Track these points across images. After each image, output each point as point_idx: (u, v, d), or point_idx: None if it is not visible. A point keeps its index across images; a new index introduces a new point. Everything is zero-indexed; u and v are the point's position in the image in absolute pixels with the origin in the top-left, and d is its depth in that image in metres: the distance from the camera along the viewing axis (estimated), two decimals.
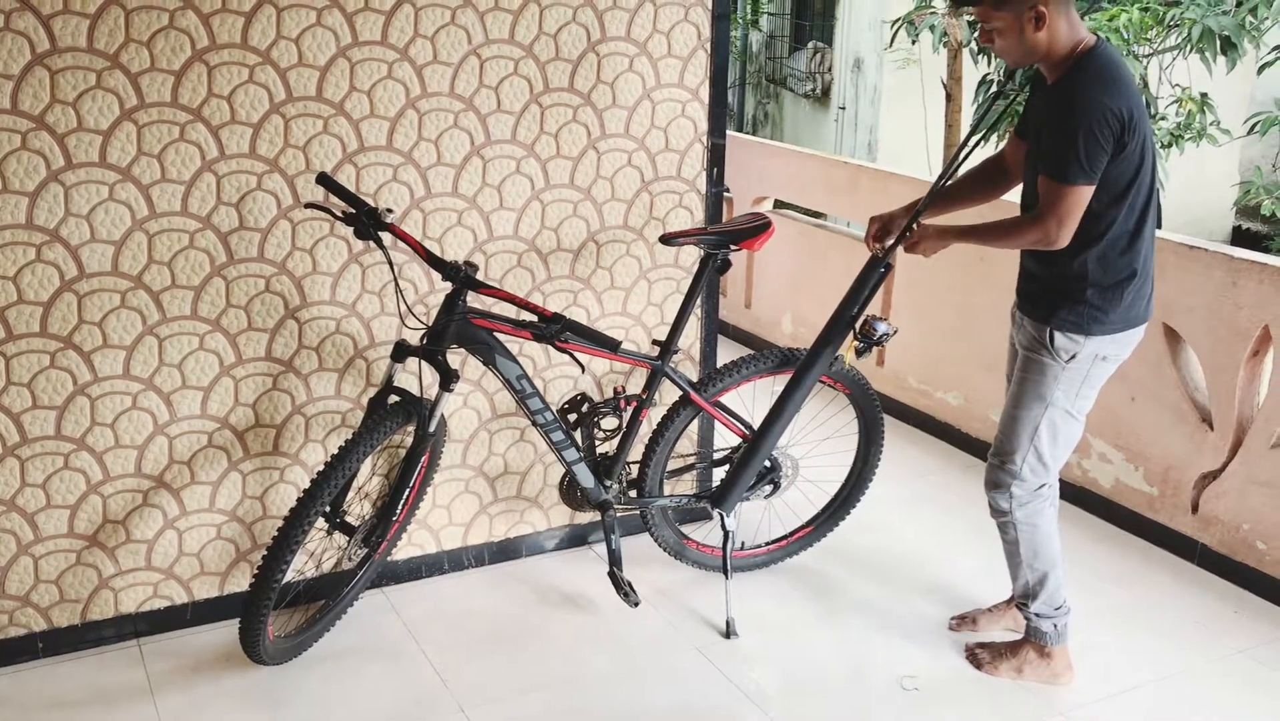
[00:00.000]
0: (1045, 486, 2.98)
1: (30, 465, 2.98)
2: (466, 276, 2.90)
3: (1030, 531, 2.99)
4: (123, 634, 3.21)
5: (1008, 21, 2.68)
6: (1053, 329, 2.83)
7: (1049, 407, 2.88)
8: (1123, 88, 2.64)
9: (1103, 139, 2.61)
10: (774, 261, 5.75)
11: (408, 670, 3.13)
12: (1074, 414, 2.90)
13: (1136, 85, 2.71)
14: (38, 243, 2.85)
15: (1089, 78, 2.64)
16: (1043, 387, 2.88)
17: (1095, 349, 2.82)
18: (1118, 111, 2.60)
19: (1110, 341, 2.83)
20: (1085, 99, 2.62)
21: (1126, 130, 2.62)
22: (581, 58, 3.33)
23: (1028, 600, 3.08)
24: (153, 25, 2.82)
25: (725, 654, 3.24)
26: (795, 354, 3.36)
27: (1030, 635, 3.12)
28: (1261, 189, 7.91)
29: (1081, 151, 2.61)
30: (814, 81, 14.00)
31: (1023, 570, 3.05)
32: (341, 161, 3.11)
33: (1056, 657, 3.10)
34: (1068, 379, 2.85)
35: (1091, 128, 2.60)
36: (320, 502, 2.84)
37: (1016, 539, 3.01)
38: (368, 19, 3.04)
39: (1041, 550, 3.01)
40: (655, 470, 3.39)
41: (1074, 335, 2.81)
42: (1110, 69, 2.66)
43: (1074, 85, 2.65)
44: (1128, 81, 2.67)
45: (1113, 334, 2.81)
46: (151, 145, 2.89)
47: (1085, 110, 2.61)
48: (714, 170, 3.63)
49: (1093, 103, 2.61)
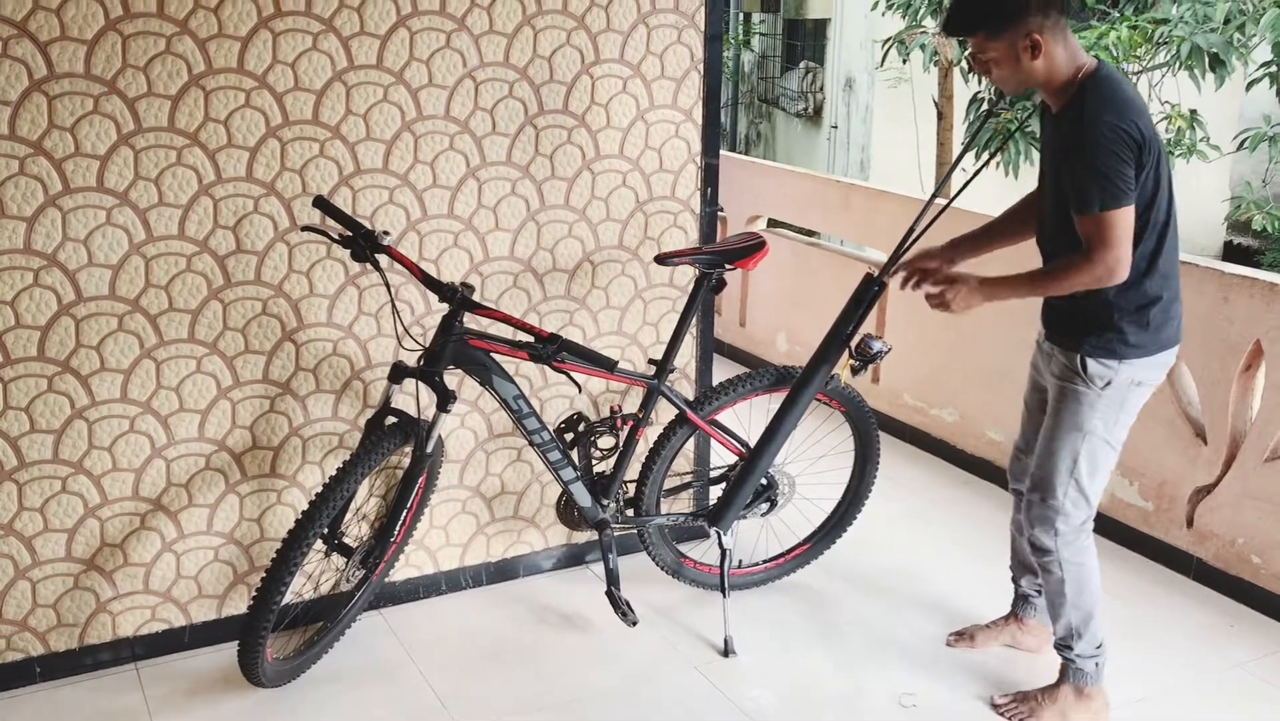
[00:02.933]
0: (1087, 521, 2.90)
1: (28, 489, 2.98)
2: (463, 297, 2.91)
3: (1076, 569, 2.90)
4: (120, 657, 3.20)
5: (1002, 51, 2.63)
6: (1084, 355, 2.76)
7: (1087, 437, 2.80)
8: (1132, 107, 2.58)
9: (1125, 157, 2.54)
10: (768, 280, 5.77)
11: (406, 691, 3.12)
12: (1112, 443, 2.82)
13: (1144, 104, 2.66)
14: (35, 267, 2.86)
15: (1096, 103, 2.58)
16: (1079, 417, 2.79)
17: (1130, 374, 2.74)
18: (1131, 130, 2.55)
19: (1144, 365, 2.75)
20: (1097, 125, 2.55)
21: (1143, 149, 2.56)
22: (576, 80, 3.36)
23: (1071, 642, 2.96)
24: (149, 50, 2.84)
25: (724, 672, 3.24)
26: (791, 372, 3.37)
27: (1070, 677, 3.00)
28: (1252, 204, 7.96)
29: (1111, 175, 2.54)
30: (806, 101, 14.07)
31: (1067, 610, 2.93)
32: (338, 184, 3.13)
33: (1095, 697, 3.00)
34: (1104, 406, 2.77)
35: (1112, 149, 2.54)
36: (318, 524, 2.85)
37: (1063, 577, 2.91)
38: (363, 43, 3.06)
39: (1086, 588, 2.92)
40: (652, 489, 3.40)
41: (1106, 360, 2.74)
42: (1116, 90, 2.60)
43: (1083, 113, 2.59)
44: (1135, 101, 2.61)
45: (1145, 358, 2.74)
46: (149, 169, 2.91)
47: (1100, 136, 2.55)
48: (708, 190, 3.65)
49: (1105, 127, 2.54)
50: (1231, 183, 11.65)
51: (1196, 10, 6.24)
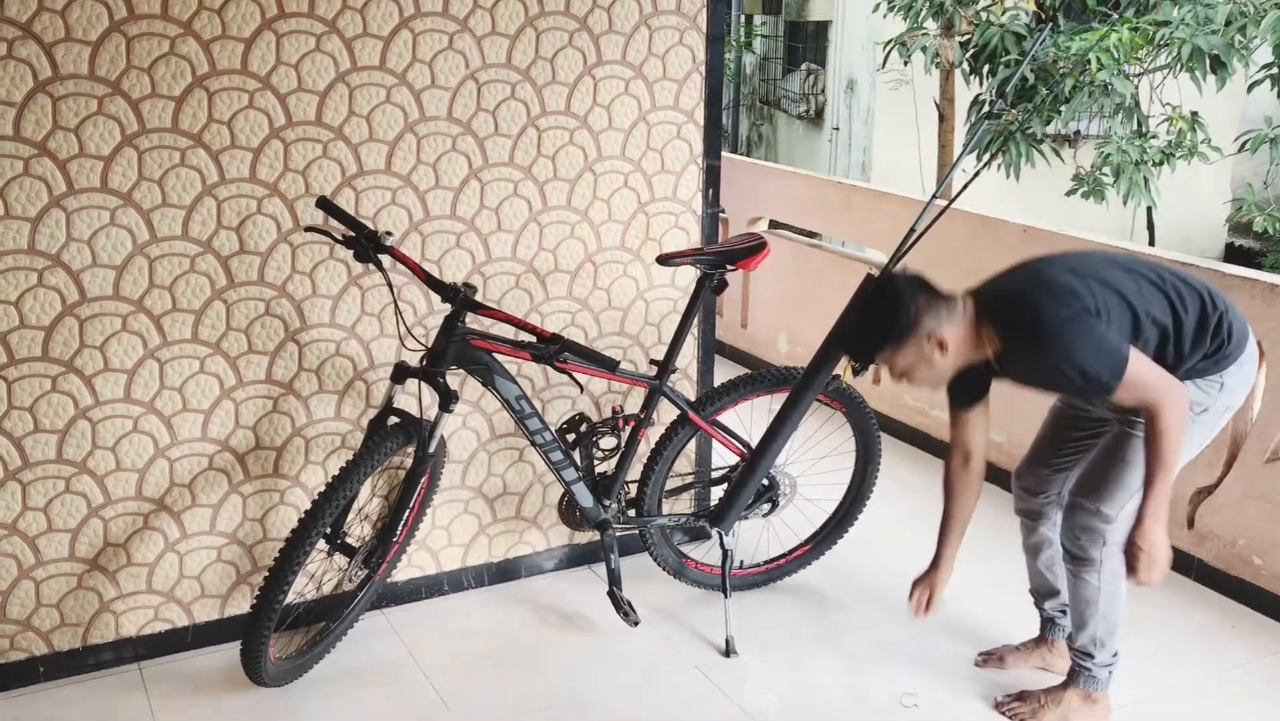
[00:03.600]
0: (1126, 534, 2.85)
1: (32, 489, 2.99)
2: (465, 298, 2.92)
3: (1113, 581, 2.86)
4: (123, 657, 3.21)
5: (914, 358, 2.63)
6: (1186, 383, 2.68)
7: None
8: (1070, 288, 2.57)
9: (1091, 326, 2.53)
10: (770, 281, 5.78)
11: (408, 691, 3.13)
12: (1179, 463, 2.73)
13: (1045, 277, 2.65)
14: (40, 267, 2.87)
15: (1024, 332, 2.58)
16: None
17: (1225, 400, 2.72)
18: (1092, 308, 2.54)
19: (1237, 384, 2.73)
20: (1053, 341, 2.53)
21: (1095, 310, 2.55)
22: (578, 81, 3.37)
23: (1092, 651, 2.95)
24: (153, 52, 2.85)
25: (725, 672, 3.25)
26: (792, 373, 3.38)
27: (1080, 682, 2.99)
28: (1253, 206, 7.95)
29: (1095, 353, 2.52)
30: (807, 103, 14.08)
31: (1096, 621, 2.90)
32: (341, 185, 3.14)
33: (1100, 702, 3.00)
34: (1196, 430, 2.73)
35: (1078, 340, 2.52)
36: (321, 524, 2.86)
37: (1099, 588, 2.86)
38: (366, 44, 3.07)
39: (1117, 601, 2.89)
40: (654, 489, 3.40)
41: (1205, 387, 2.70)
42: (1021, 315, 2.59)
43: (1027, 344, 2.58)
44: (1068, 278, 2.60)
45: (1233, 366, 2.71)
46: (152, 170, 2.92)
47: (1061, 346, 2.53)
48: (709, 191, 3.66)
49: (1055, 329, 2.53)
50: (1233, 185, 11.67)
51: (1198, 12, 6.24)
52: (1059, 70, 6.63)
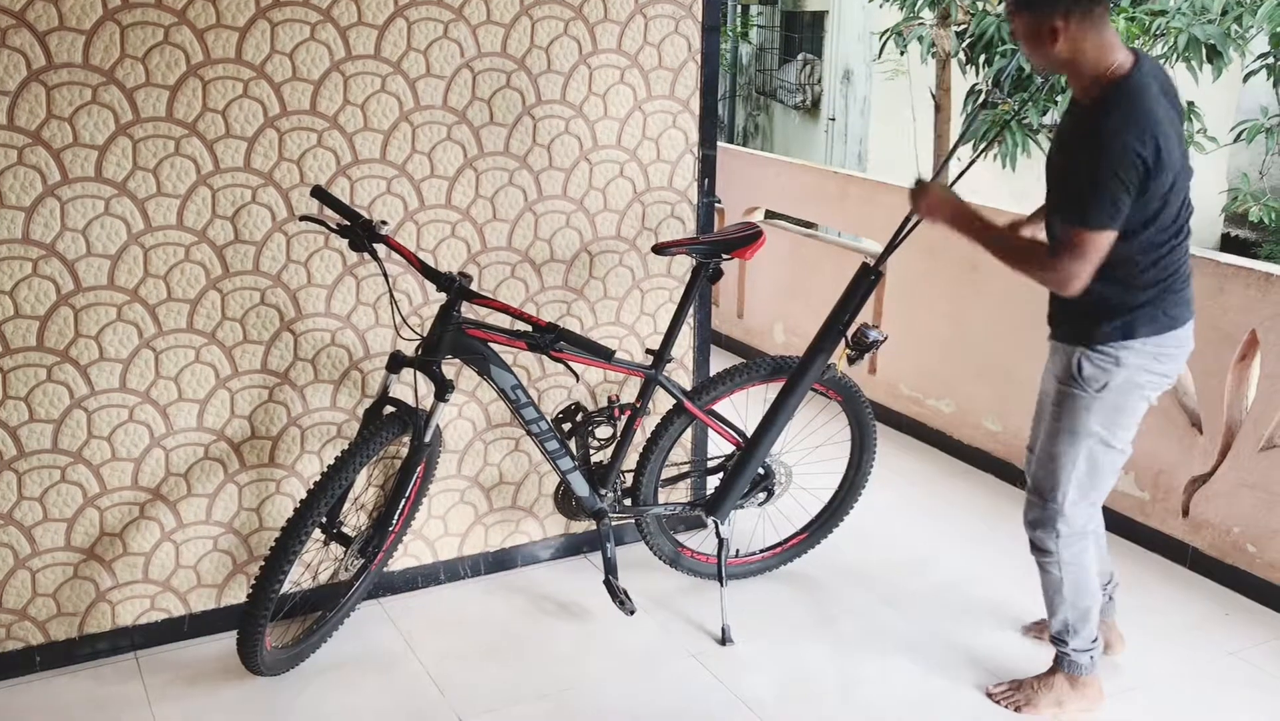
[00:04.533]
0: (1089, 522, 2.89)
1: (27, 478, 2.99)
2: (461, 287, 2.92)
3: (1075, 571, 2.89)
4: (120, 646, 3.21)
5: (1025, 28, 2.61)
6: (1079, 358, 2.74)
7: (1085, 440, 2.77)
8: (1150, 123, 2.50)
9: (1127, 182, 2.49)
10: (765, 271, 5.78)
11: (405, 680, 3.14)
12: (1113, 445, 2.79)
13: (1165, 112, 2.55)
14: (34, 257, 2.86)
15: (1120, 118, 2.51)
16: (1076, 421, 2.77)
17: (1126, 376, 2.71)
18: (1143, 155, 2.48)
19: (1140, 365, 2.71)
20: (1109, 141, 2.50)
21: (1151, 172, 2.50)
22: (573, 70, 3.36)
23: (1066, 637, 2.97)
24: (148, 41, 2.84)
25: (721, 660, 3.25)
26: (788, 362, 3.38)
27: (1064, 667, 3.02)
28: (1249, 196, 7.96)
29: (1106, 196, 2.50)
30: (804, 93, 14.07)
31: (1064, 608, 2.94)
32: (336, 174, 3.13)
33: (1090, 685, 3.02)
34: (1101, 409, 2.74)
35: (1116, 172, 2.48)
36: (317, 514, 2.86)
37: (1061, 578, 2.90)
38: (361, 33, 3.06)
39: (1084, 587, 2.91)
40: (650, 478, 3.41)
41: (1102, 364, 2.71)
42: (1138, 102, 2.52)
43: (1104, 121, 2.52)
44: (1154, 114, 2.52)
45: (1140, 341, 2.69)
46: (147, 160, 2.91)
47: (1109, 153, 2.49)
48: (705, 181, 3.66)
49: (1117, 145, 2.49)
50: (1229, 175, 11.67)
51: (1194, 2, 6.24)
52: None
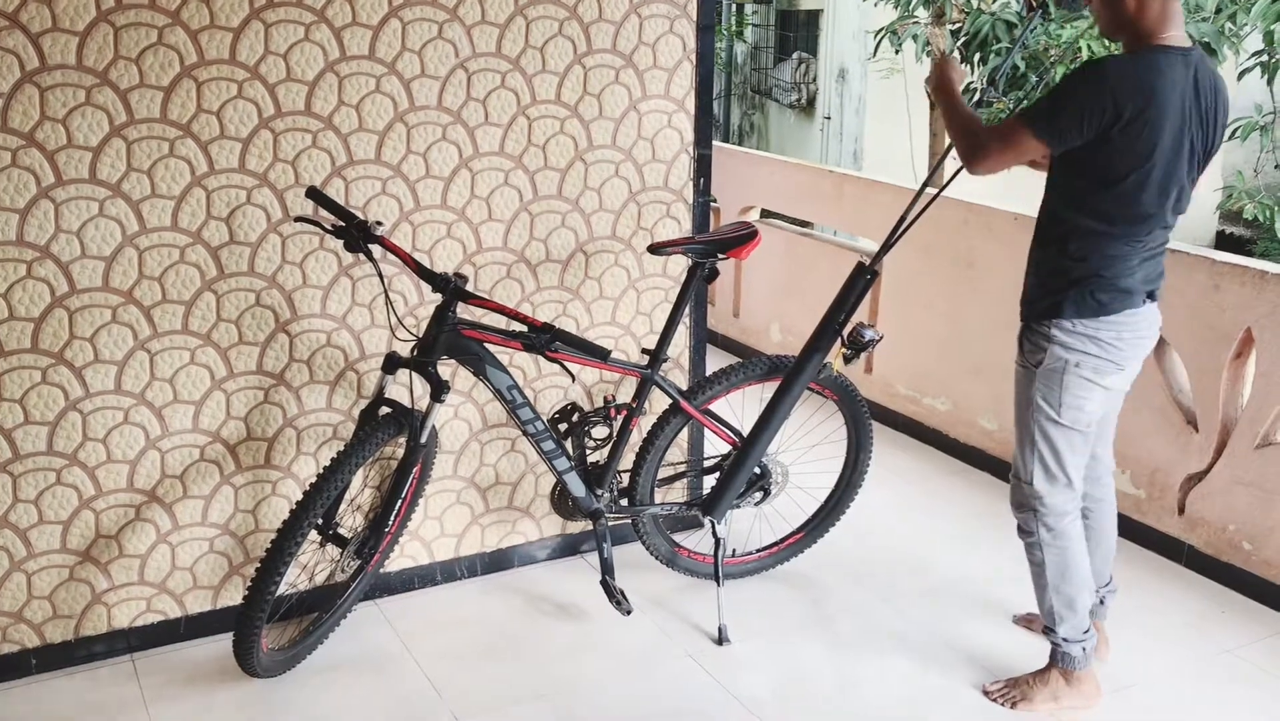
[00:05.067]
0: (1069, 504, 2.90)
1: (22, 481, 2.98)
2: (456, 288, 2.91)
3: (1058, 554, 2.91)
4: (116, 649, 3.20)
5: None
6: (1021, 334, 2.86)
7: (1034, 413, 2.83)
8: (1145, 92, 2.52)
9: (1084, 110, 2.54)
10: (761, 270, 5.78)
11: (402, 681, 3.13)
12: (1062, 421, 2.80)
13: (1176, 104, 2.56)
14: (28, 259, 2.86)
15: (1121, 61, 2.58)
16: (1025, 394, 2.86)
17: (1061, 355, 2.75)
18: (1119, 105, 2.51)
19: (1075, 345, 2.74)
20: (1094, 71, 2.57)
21: (1117, 125, 2.53)
22: (568, 70, 3.36)
23: (1054, 625, 2.98)
24: (141, 42, 2.84)
25: (718, 660, 3.25)
26: (783, 361, 3.38)
27: (1058, 661, 3.02)
28: (1244, 193, 7.96)
29: (1054, 106, 2.58)
30: (799, 92, 14.08)
31: (1049, 593, 2.95)
32: (330, 175, 3.13)
33: (1085, 681, 3.02)
34: (1041, 384, 2.80)
35: (1079, 94, 2.54)
36: (313, 515, 2.85)
37: (1043, 560, 2.92)
38: (355, 33, 3.06)
39: (1069, 573, 2.92)
40: (646, 478, 3.41)
41: (1039, 341, 2.79)
42: (1148, 71, 2.54)
43: (1106, 58, 2.62)
44: (1157, 90, 2.53)
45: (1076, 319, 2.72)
46: (141, 161, 2.91)
47: (1085, 79, 2.56)
48: (700, 180, 3.66)
49: (1097, 78, 2.55)
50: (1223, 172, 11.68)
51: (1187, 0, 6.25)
52: (1050, 58, 6.63)
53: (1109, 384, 2.82)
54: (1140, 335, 2.80)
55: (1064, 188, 2.74)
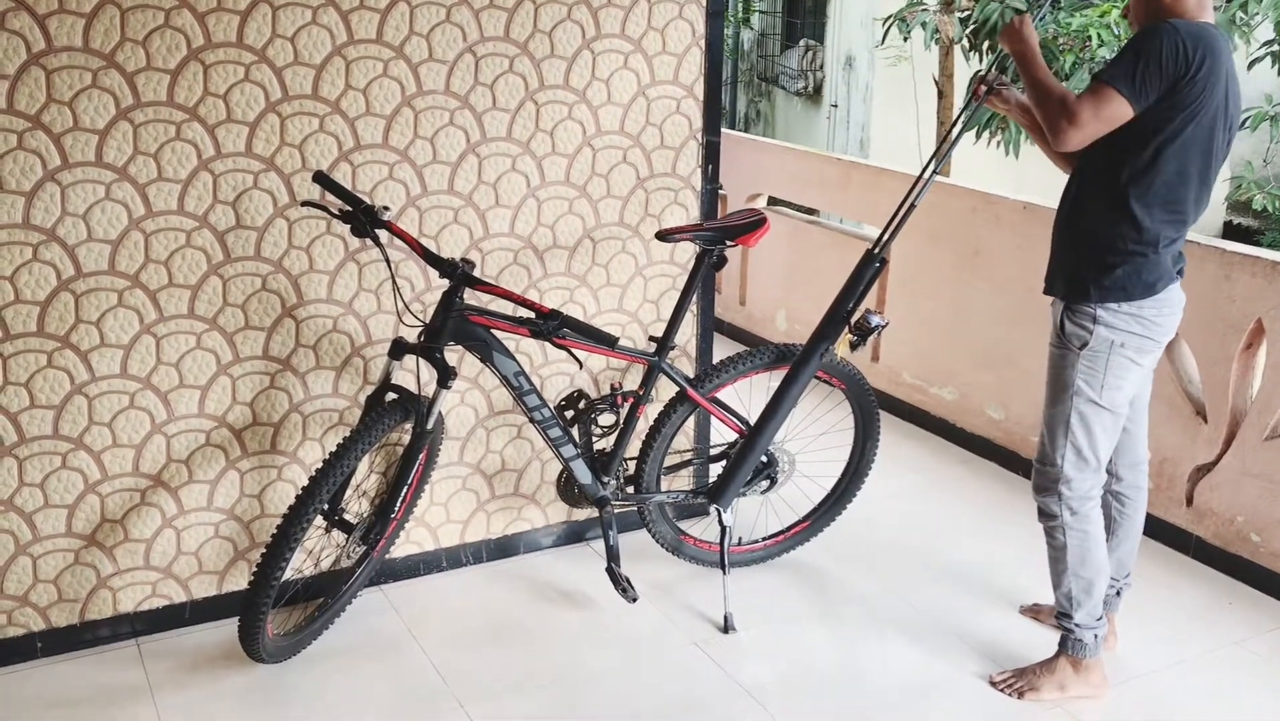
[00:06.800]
0: (1095, 488, 2.89)
1: (28, 464, 2.98)
2: (463, 273, 2.90)
3: (1080, 537, 2.89)
4: (121, 633, 3.21)
5: None
6: (1063, 317, 2.81)
7: (1074, 398, 2.81)
8: (1205, 45, 2.54)
9: (1164, 62, 2.53)
10: (768, 258, 5.76)
11: (407, 667, 3.13)
12: (1103, 404, 2.80)
13: (1221, 66, 2.58)
14: (34, 242, 2.85)
15: (1184, 22, 2.58)
16: (1064, 378, 2.82)
17: (1107, 335, 2.74)
18: (1188, 54, 2.52)
19: (1121, 325, 2.73)
20: (1166, 26, 2.56)
21: (1185, 77, 2.54)
22: (576, 55, 3.34)
23: (1070, 610, 2.97)
24: (148, 24, 2.82)
25: (723, 648, 3.25)
26: (791, 349, 3.37)
27: (1067, 648, 3.01)
28: (1253, 184, 7.94)
29: (1137, 63, 2.55)
30: (806, 79, 14.02)
31: (1067, 578, 2.93)
32: (338, 159, 3.12)
33: (1094, 670, 3.01)
34: (1085, 366, 2.78)
35: (1151, 45, 2.53)
36: (318, 500, 2.85)
37: (1065, 544, 2.91)
38: (363, 17, 3.04)
39: (1089, 558, 2.91)
40: (652, 466, 3.40)
41: (1082, 321, 2.76)
42: (1205, 29, 2.57)
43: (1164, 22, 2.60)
44: (1213, 47, 2.56)
45: (1121, 304, 2.72)
46: (148, 144, 2.90)
47: (1158, 32, 2.54)
48: (709, 167, 3.64)
49: (1170, 29, 2.54)
50: (1232, 162, 11.63)
51: None
52: (1059, 46, 6.59)
53: (1146, 362, 2.83)
54: (1175, 312, 2.83)
55: (1112, 168, 2.70)
